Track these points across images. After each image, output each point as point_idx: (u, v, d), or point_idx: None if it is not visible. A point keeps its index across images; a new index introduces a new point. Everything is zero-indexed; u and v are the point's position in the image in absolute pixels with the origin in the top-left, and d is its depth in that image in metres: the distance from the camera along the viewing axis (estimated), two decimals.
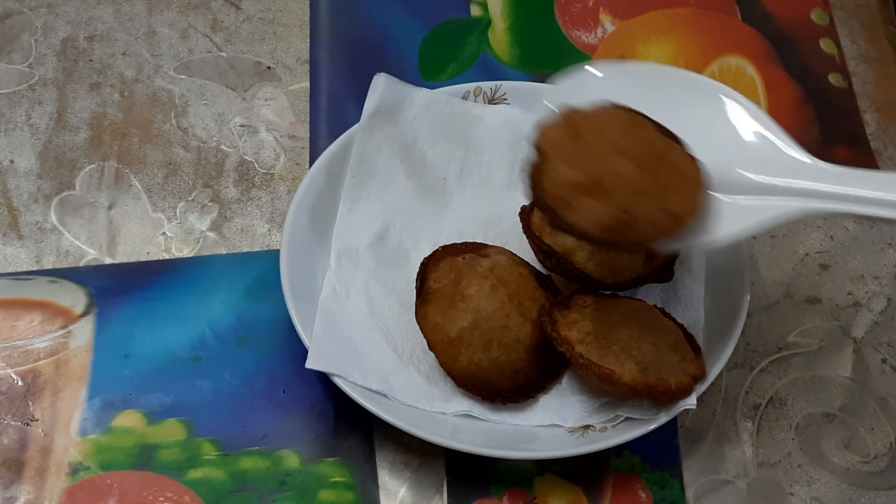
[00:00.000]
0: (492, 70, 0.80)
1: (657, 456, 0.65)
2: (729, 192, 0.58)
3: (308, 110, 0.78)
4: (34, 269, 0.71)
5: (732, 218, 0.57)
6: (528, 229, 0.66)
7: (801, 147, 0.59)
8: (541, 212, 0.58)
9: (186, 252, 0.72)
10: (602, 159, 0.56)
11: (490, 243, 0.68)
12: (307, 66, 0.80)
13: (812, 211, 0.57)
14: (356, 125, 0.71)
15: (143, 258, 0.72)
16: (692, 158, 0.58)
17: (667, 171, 0.57)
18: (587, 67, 0.64)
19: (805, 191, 0.57)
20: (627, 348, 0.60)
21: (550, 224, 0.60)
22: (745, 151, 0.59)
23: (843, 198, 0.56)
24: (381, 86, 0.71)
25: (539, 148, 0.57)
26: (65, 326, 0.68)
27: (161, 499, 0.63)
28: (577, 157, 0.56)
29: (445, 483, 0.64)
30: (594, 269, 0.64)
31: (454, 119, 0.72)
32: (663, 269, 0.65)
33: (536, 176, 0.56)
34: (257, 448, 0.65)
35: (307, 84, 0.79)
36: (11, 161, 0.75)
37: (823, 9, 0.84)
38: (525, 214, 0.66)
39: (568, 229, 0.57)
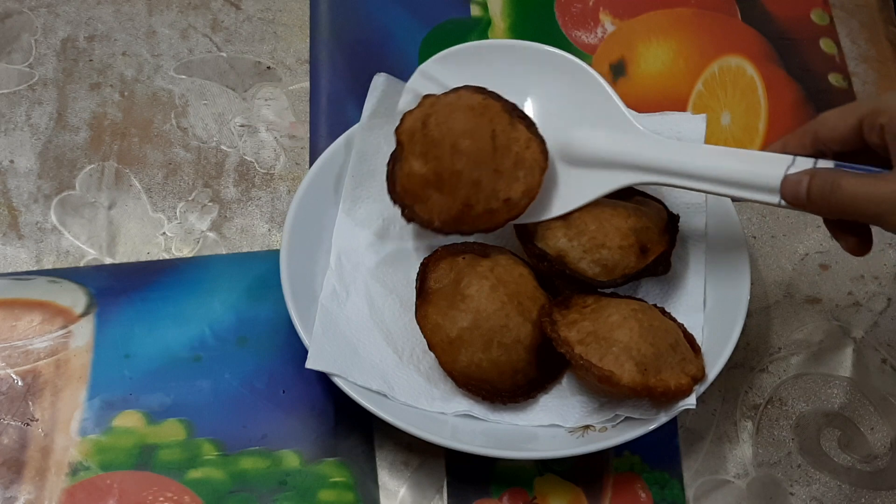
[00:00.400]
0: None
1: (657, 456, 0.65)
2: (574, 163, 0.65)
3: (308, 110, 0.78)
4: (34, 269, 0.71)
5: (575, 189, 0.64)
6: (519, 234, 0.66)
7: (636, 120, 0.64)
8: (396, 205, 0.65)
9: (186, 252, 0.72)
10: (445, 155, 0.63)
11: (490, 243, 0.68)
12: (307, 66, 0.80)
13: (641, 182, 0.63)
14: (356, 125, 0.71)
15: (143, 258, 0.72)
16: (536, 140, 0.64)
17: (505, 158, 0.63)
18: (457, 47, 0.69)
19: (637, 165, 0.63)
20: (627, 349, 0.60)
21: (405, 217, 0.66)
22: (591, 122, 0.65)
23: (669, 171, 0.62)
24: (381, 86, 0.71)
25: (398, 138, 0.65)
26: (65, 326, 0.68)
27: (161, 499, 0.63)
28: (426, 150, 0.63)
29: (445, 483, 0.64)
30: (587, 267, 0.64)
31: None
32: (658, 262, 0.65)
33: (395, 171, 0.64)
34: (257, 448, 0.65)
35: (307, 84, 0.79)
36: (11, 161, 0.75)
37: (823, 9, 0.84)
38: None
39: (419, 222, 0.65)
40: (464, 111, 0.64)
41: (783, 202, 0.57)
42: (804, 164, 0.57)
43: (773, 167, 0.58)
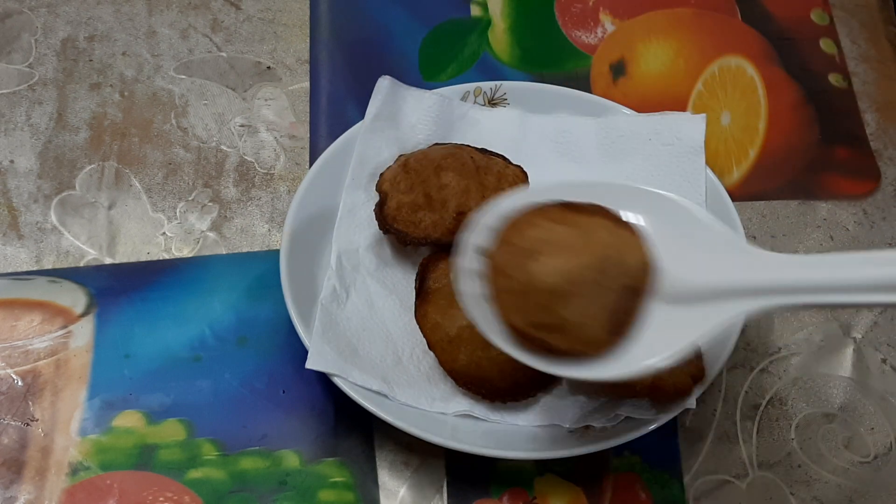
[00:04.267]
0: (492, 70, 0.80)
1: (657, 456, 0.65)
2: (674, 301, 0.53)
3: (308, 110, 0.78)
4: (34, 269, 0.71)
5: (679, 330, 0.53)
6: None
7: (742, 236, 0.55)
8: (394, 236, 0.66)
9: (186, 252, 0.72)
10: (430, 178, 0.64)
11: None
12: (307, 66, 0.80)
13: (766, 308, 0.52)
14: (357, 125, 0.71)
15: (143, 258, 0.72)
16: (514, 165, 0.66)
17: (488, 175, 0.65)
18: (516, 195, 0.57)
19: (755, 288, 0.52)
20: None
21: (401, 243, 0.67)
22: (686, 252, 0.54)
23: (798, 289, 0.51)
24: (385, 89, 0.71)
25: (381, 189, 0.66)
26: (65, 326, 0.68)
27: (161, 499, 0.63)
28: (410, 184, 0.64)
29: (445, 483, 0.64)
30: None
31: (454, 122, 0.72)
32: None
33: (383, 211, 0.64)
34: (257, 448, 0.65)
35: (307, 84, 0.79)
36: (11, 161, 0.75)
37: (823, 9, 0.84)
38: None
39: (421, 243, 0.65)
40: (440, 149, 0.68)
41: None
42: None
43: None
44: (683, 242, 0.54)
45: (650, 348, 0.53)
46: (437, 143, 0.70)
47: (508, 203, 0.56)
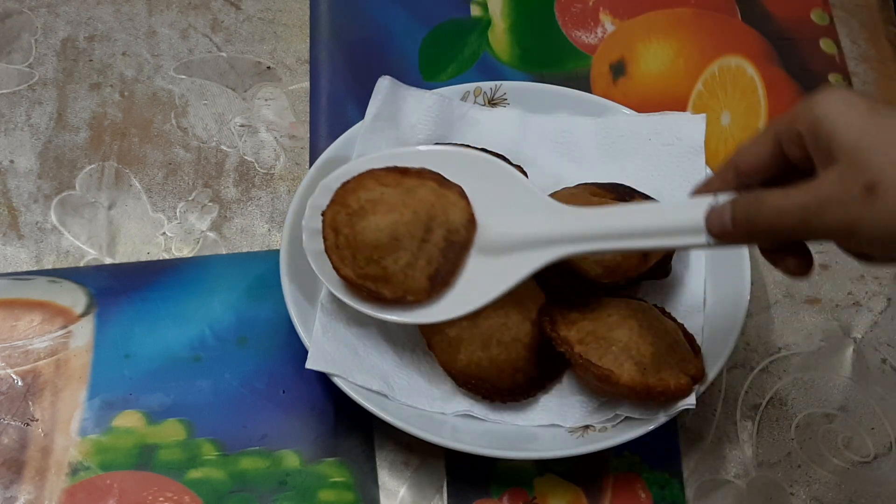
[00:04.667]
0: (492, 70, 0.80)
1: (657, 456, 0.65)
2: (490, 252, 0.61)
3: (308, 110, 0.78)
4: (34, 269, 0.71)
5: (494, 277, 0.61)
6: None
7: (545, 194, 0.62)
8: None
9: (186, 252, 0.72)
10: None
11: None
12: (307, 66, 0.80)
13: (564, 255, 0.59)
14: (357, 125, 0.71)
15: (143, 258, 0.72)
16: (511, 165, 0.66)
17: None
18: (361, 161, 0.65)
19: (555, 238, 0.59)
20: (627, 349, 0.60)
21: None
22: (502, 210, 0.62)
23: (591, 237, 0.58)
24: (385, 89, 0.71)
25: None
26: (65, 326, 0.68)
27: (161, 499, 0.63)
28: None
29: (445, 483, 0.64)
30: (589, 268, 0.64)
31: (454, 121, 0.72)
32: (659, 266, 0.65)
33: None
34: (257, 448, 0.65)
35: (307, 84, 0.79)
36: (11, 161, 0.75)
37: (823, 9, 0.84)
38: None
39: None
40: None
41: (711, 240, 0.53)
42: (728, 199, 0.52)
43: (696, 208, 0.53)
44: (503, 202, 0.62)
45: (468, 296, 0.61)
46: (437, 143, 0.70)
47: (348, 168, 0.64)
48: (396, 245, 0.60)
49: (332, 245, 0.62)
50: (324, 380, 0.65)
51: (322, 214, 0.62)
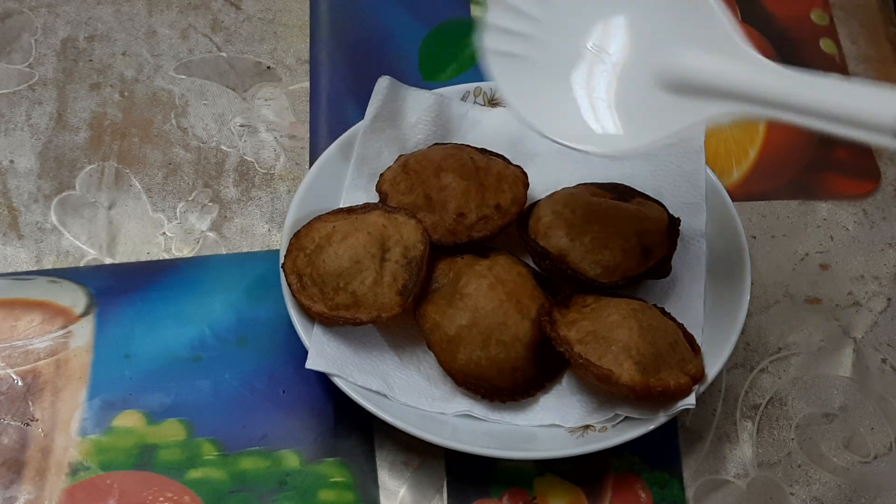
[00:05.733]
0: None
1: (657, 456, 0.65)
2: (670, 87, 0.57)
3: (308, 110, 0.78)
4: (34, 269, 0.71)
5: (667, 114, 0.57)
6: (521, 232, 0.66)
7: (747, 41, 0.58)
8: None
9: (186, 252, 0.72)
10: (430, 178, 0.65)
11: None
12: (307, 66, 0.80)
13: (747, 114, 0.55)
14: (357, 125, 0.71)
15: (143, 258, 0.72)
16: (513, 165, 0.68)
17: (488, 175, 0.66)
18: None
19: (749, 95, 0.55)
20: (626, 348, 0.60)
21: None
22: (694, 43, 0.57)
23: (785, 105, 0.54)
24: (385, 89, 0.71)
25: (380, 190, 0.67)
26: (65, 326, 0.68)
27: (161, 499, 0.63)
28: (410, 185, 0.66)
29: (445, 483, 0.64)
30: (588, 268, 0.64)
31: (454, 121, 0.72)
32: (658, 265, 0.65)
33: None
34: (257, 448, 0.65)
35: (307, 84, 0.79)
36: (11, 161, 0.75)
37: (823, 9, 0.84)
38: (519, 218, 0.67)
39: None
40: (440, 150, 0.68)
41: None
42: None
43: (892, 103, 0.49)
44: (693, 33, 0.57)
45: (638, 128, 0.57)
46: (437, 143, 0.70)
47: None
48: (359, 266, 0.62)
49: (298, 288, 0.63)
50: (324, 380, 0.65)
51: (281, 267, 0.64)
